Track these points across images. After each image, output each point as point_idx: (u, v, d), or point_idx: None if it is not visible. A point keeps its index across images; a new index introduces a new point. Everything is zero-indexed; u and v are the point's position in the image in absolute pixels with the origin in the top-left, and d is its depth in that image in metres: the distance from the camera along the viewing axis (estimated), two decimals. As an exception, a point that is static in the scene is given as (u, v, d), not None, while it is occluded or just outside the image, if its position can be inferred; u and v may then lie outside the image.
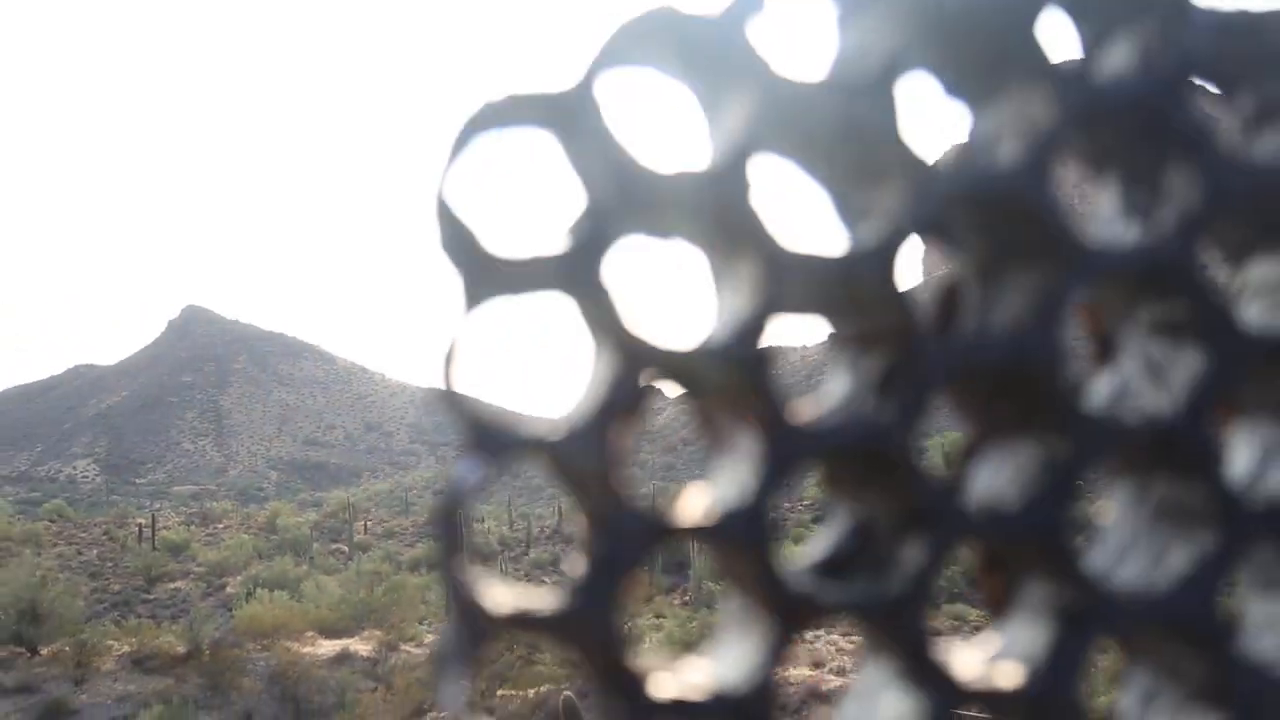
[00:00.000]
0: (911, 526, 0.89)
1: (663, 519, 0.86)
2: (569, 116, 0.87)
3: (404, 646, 37.24)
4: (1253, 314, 0.96)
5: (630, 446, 0.87)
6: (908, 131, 0.90)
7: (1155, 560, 0.94)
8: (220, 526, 64.49)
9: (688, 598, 41.31)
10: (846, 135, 0.91)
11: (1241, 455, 0.99)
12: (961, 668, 0.88)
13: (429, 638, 39.64)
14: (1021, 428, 0.93)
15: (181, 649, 28.66)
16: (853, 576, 0.92)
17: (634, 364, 0.86)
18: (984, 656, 0.92)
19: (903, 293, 0.89)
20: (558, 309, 0.89)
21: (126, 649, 28.47)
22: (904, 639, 0.88)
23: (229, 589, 43.54)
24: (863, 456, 0.89)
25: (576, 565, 0.86)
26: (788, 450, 0.87)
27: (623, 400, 0.86)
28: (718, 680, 0.87)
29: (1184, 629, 0.91)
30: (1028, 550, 0.91)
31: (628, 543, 0.85)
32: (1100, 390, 0.98)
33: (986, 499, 0.92)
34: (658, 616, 42.65)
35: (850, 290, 0.91)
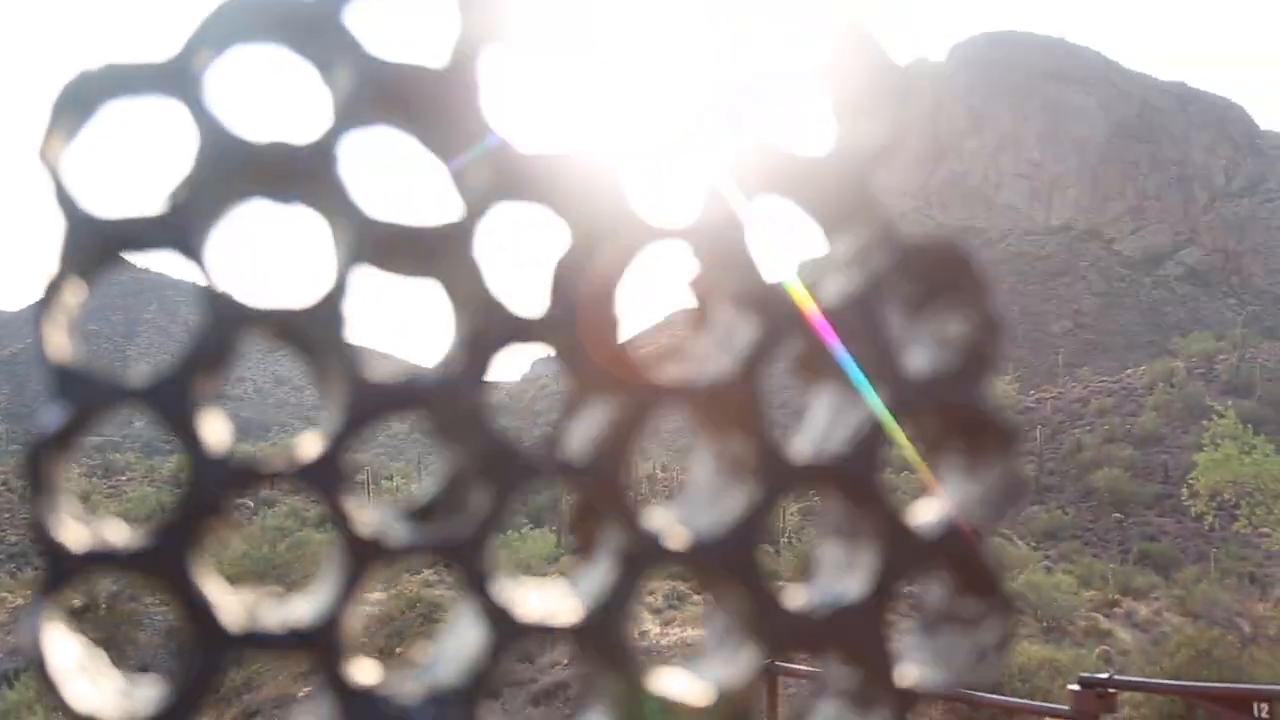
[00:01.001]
0: (483, 475, 0.97)
1: (244, 465, 0.93)
2: (170, 85, 0.93)
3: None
4: (832, 289, 1.05)
5: (215, 395, 0.95)
6: (489, 112, 0.98)
7: (718, 510, 1.02)
8: (124, 479, 63.70)
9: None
10: (445, 110, 0.98)
11: (818, 416, 1.08)
12: (524, 606, 0.97)
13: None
14: (604, 388, 1.01)
15: (77, 602, 28.38)
16: (435, 521, 1.00)
17: (222, 320, 0.93)
18: (555, 595, 1.00)
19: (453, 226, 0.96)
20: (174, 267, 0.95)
21: (21, 601, 28.15)
22: (470, 578, 0.96)
23: (129, 541, 43.07)
24: (440, 410, 0.97)
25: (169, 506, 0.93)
26: (363, 400, 0.94)
27: (208, 354, 0.93)
28: (292, 613, 0.95)
29: (729, 568, 1.00)
30: (598, 499, 1.00)
31: (208, 486, 0.92)
32: (693, 358, 1.06)
33: (571, 451, 1.00)
34: (563, 576, 42.61)
35: (431, 249, 0.98)
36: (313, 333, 0.95)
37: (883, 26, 1.00)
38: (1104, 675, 11.42)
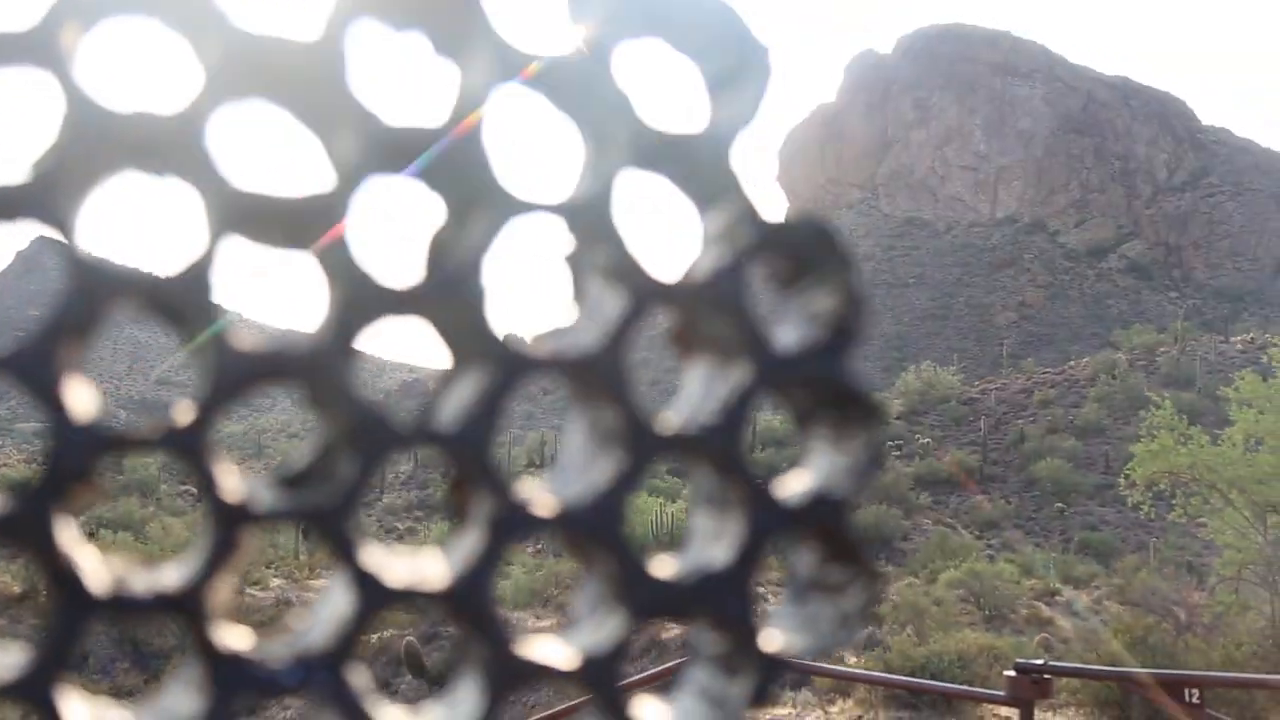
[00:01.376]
0: (351, 444, 0.98)
1: (109, 432, 0.94)
2: (36, 56, 0.94)
3: (249, 590, 37.00)
4: (704, 261, 1.06)
5: (80, 362, 0.95)
6: (358, 85, 0.99)
7: (588, 479, 1.04)
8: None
9: (539, 546, 41.58)
10: (311, 84, 0.99)
11: (692, 388, 1.10)
12: (392, 572, 0.98)
13: (275, 582, 39.36)
14: (468, 358, 1.02)
15: (17, 589, 28.12)
16: (306, 489, 1.01)
17: (88, 288, 0.94)
18: (425, 563, 1.02)
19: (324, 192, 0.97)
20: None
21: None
22: (338, 545, 0.97)
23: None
24: (310, 380, 0.98)
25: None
26: (231, 370, 0.95)
27: (73, 322, 0.93)
28: (158, 579, 0.96)
29: (596, 536, 1.02)
30: (466, 468, 1.01)
31: (72, 451, 0.93)
32: (567, 329, 1.08)
33: (441, 421, 1.02)
34: (507, 564, 42.66)
35: (300, 221, 0.99)
36: (180, 302, 0.95)
37: (750, 4, 1.02)
38: (1039, 661, 11.54)
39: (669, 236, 1.08)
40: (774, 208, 1.06)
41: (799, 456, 1.11)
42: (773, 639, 1.05)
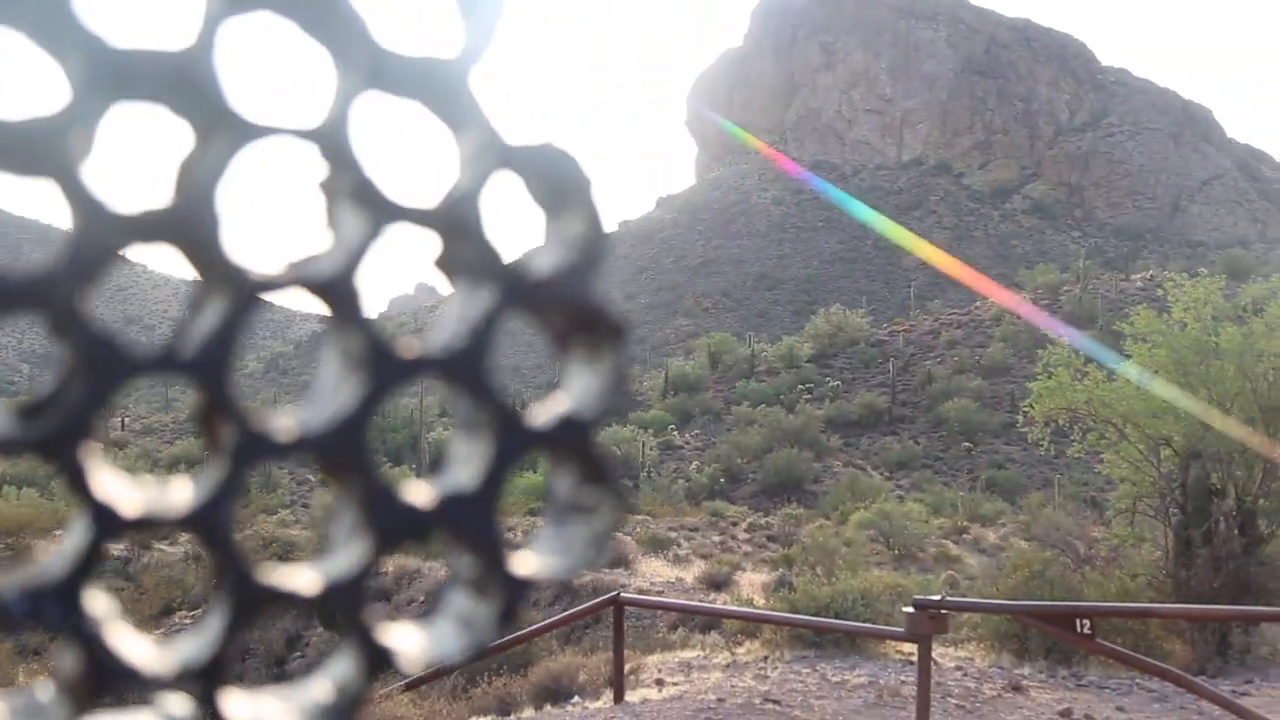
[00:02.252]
0: (85, 371, 0.98)
1: None
2: None
3: (156, 545, 36.70)
4: (451, 190, 1.07)
5: None
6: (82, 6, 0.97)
7: (332, 404, 1.05)
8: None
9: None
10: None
11: (448, 313, 1.10)
12: (128, 500, 0.98)
13: (184, 537, 38.97)
14: (210, 286, 1.02)
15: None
16: (37, 417, 1.00)
17: None
18: (168, 491, 1.02)
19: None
20: None
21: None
22: (69, 473, 0.97)
23: (-28, 487, 42.05)
24: (48, 307, 0.97)
25: None
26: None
27: None
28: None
29: (339, 460, 1.02)
30: (207, 395, 1.01)
31: None
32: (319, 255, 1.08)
33: (182, 349, 1.01)
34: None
35: (33, 145, 0.98)
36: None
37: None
38: (936, 597, 11.74)
39: (422, 161, 1.08)
40: (523, 133, 1.06)
41: (556, 380, 1.12)
42: (526, 561, 1.07)
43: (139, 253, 1.01)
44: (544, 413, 1.08)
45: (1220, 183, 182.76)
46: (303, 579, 1.03)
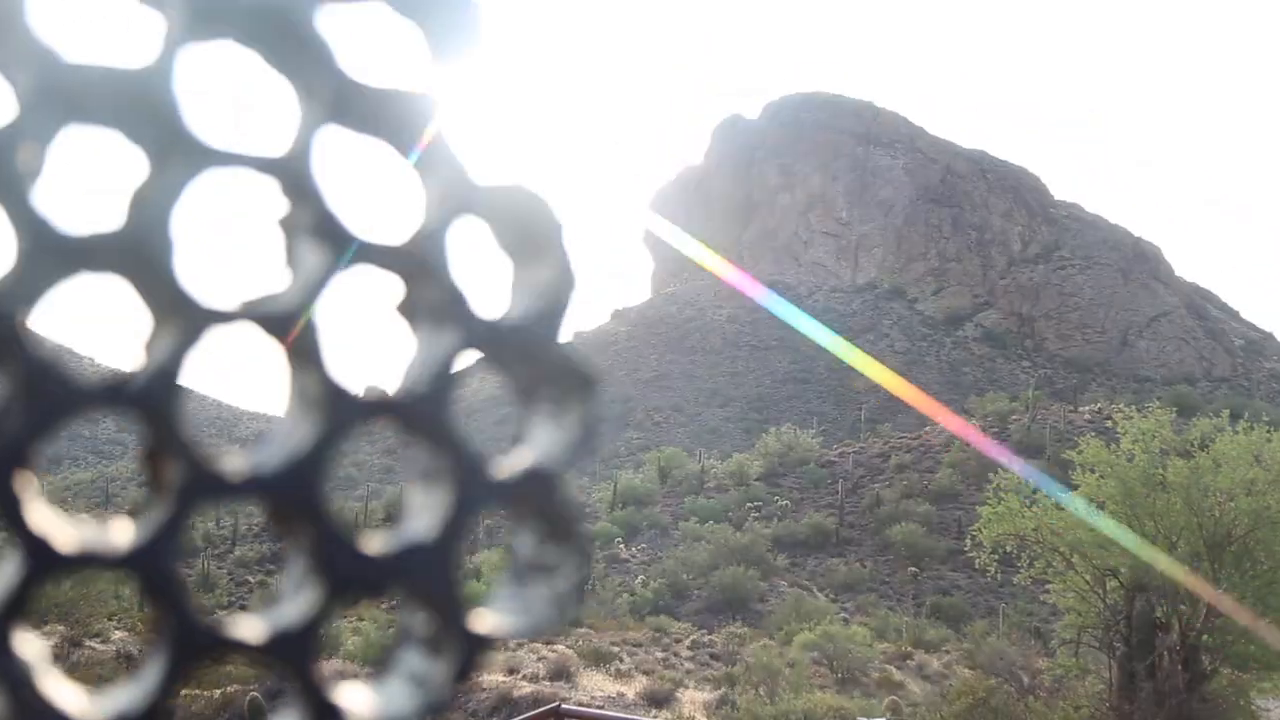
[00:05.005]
0: (23, 400, 0.93)
1: None
2: None
3: (88, 643, 35.92)
4: (420, 225, 1.03)
5: None
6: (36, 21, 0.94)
7: (287, 446, 1.00)
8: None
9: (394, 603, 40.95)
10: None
11: (411, 356, 1.06)
12: (64, 536, 0.93)
13: (117, 634, 38.26)
14: (162, 317, 0.97)
15: None
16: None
17: None
18: (108, 529, 0.96)
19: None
20: None
21: None
22: (2, 503, 0.92)
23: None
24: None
25: None
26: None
27: None
28: None
29: (290, 504, 0.97)
30: (153, 430, 0.96)
31: None
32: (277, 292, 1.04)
33: (132, 383, 0.97)
34: (359, 619, 42.14)
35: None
36: None
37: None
38: None
39: (386, 199, 1.05)
40: (492, 173, 1.03)
41: (519, 433, 1.08)
42: (484, 619, 1.02)
43: (86, 284, 0.96)
44: (508, 465, 1.04)
45: (1168, 320, 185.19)
46: (248, 627, 0.97)
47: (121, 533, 0.96)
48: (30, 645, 0.93)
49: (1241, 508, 20.90)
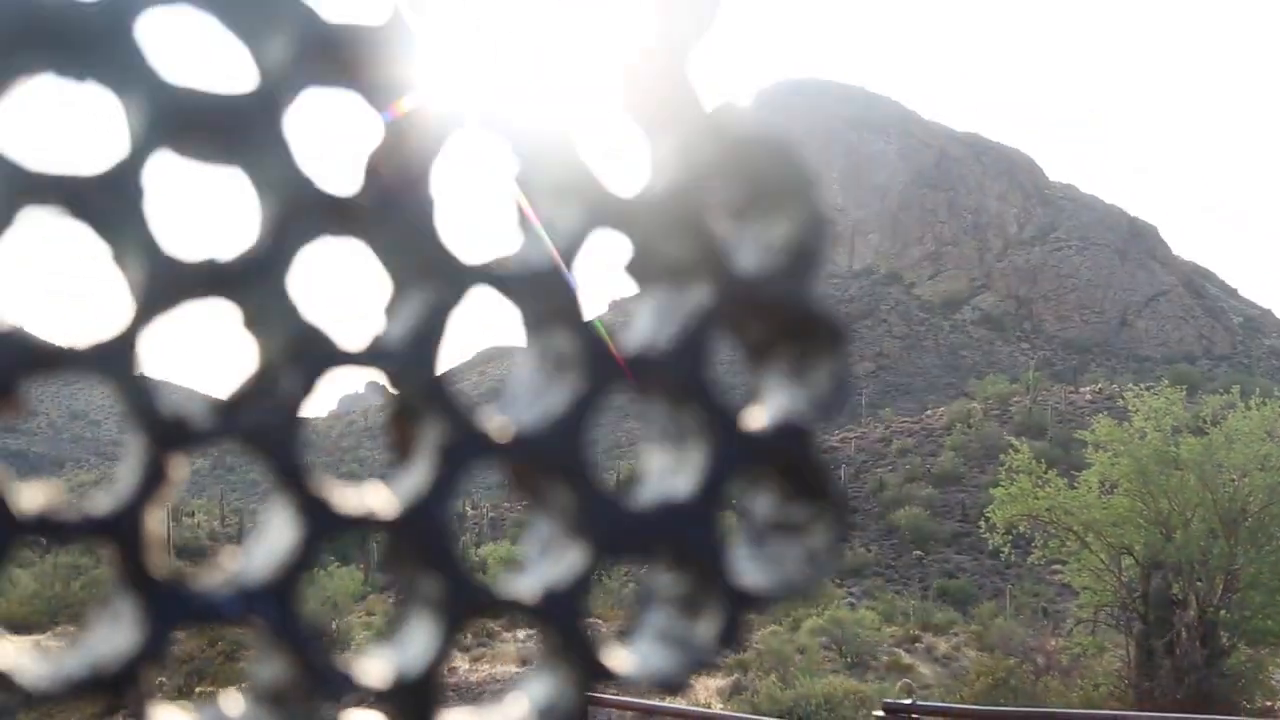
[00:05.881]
0: (293, 361, 0.92)
1: (32, 344, 0.86)
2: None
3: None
4: (658, 182, 1.02)
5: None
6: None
7: (543, 406, 0.99)
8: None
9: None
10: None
11: (643, 317, 1.05)
12: (341, 499, 0.91)
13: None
14: (418, 278, 0.96)
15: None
16: (242, 409, 0.94)
17: (11, 192, 0.86)
18: (372, 494, 0.95)
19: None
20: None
21: None
22: (282, 467, 0.90)
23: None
24: (248, 296, 0.92)
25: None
26: (163, 282, 0.88)
27: (-5, 223, 0.86)
28: (89, 504, 0.88)
29: (554, 464, 0.96)
30: (416, 390, 0.95)
31: (-7, 362, 0.85)
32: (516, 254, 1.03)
33: (388, 341, 0.96)
34: (369, 614, 42.20)
35: (251, 134, 0.93)
36: (107, 205, 0.88)
37: None
38: (907, 701, 11.66)
39: (615, 156, 1.03)
40: (733, 125, 1.01)
41: (752, 393, 1.07)
42: (742, 575, 1.01)
43: (331, 245, 0.95)
44: (757, 420, 1.02)
45: (1166, 299, 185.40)
46: (522, 586, 0.96)
47: (383, 496, 0.95)
48: (306, 610, 0.92)
49: (1256, 483, 20.93)
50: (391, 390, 0.98)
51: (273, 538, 0.94)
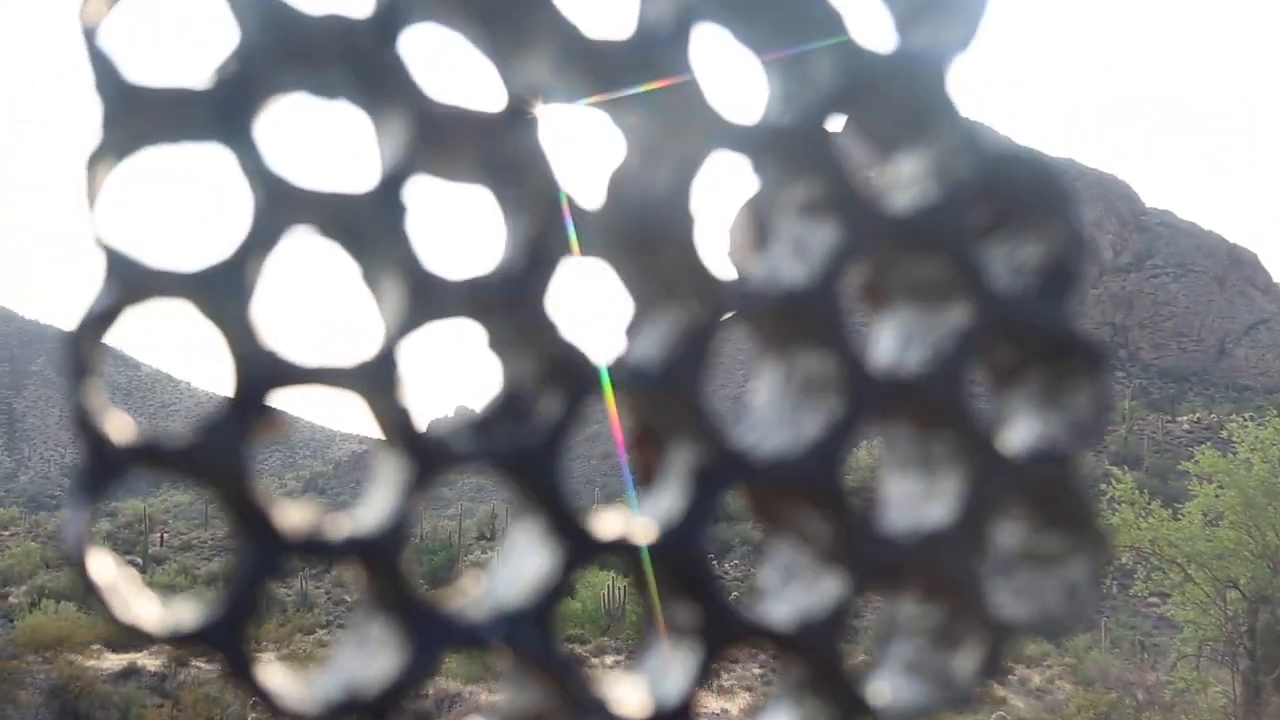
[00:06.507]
0: (551, 381, 0.90)
1: (291, 363, 0.85)
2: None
3: (195, 662, 36.30)
4: (901, 200, 0.99)
5: (264, 285, 0.86)
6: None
7: (794, 429, 0.96)
8: (6, 534, 61.93)
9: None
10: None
11: (885, 340, 1.02)
12: (599, 524, 0.89)
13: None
14: (666, 294, 0.94)
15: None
16: (496, 430, 0.92)
17: (274, 205, 0.85)
18: (622, 517, 0.93)
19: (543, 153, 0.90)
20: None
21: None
22: (540, 490, 0.88)
23: (11, 599, 41.95)
24: (505, 313, 0.90)
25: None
26: (422, 300, 0.87)
27: (261, 241, 0.85)
28: (354, 522, 0.87)
29: (809, 490, 0.93)
30: (669, 410, 0.93)
31: (257, 379, 0.84)
32: (756, 273, 1.00)
33: (635, 362, 0.93)
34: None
35: (505, 153, 0.91)
36: (369, 222, 0.87)
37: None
38: (1011, 733, 11.49)
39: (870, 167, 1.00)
40: (988, 138, 0.98)
41: (1000, 420, 1.03)
42: (1000, 608, 0.97)
43: (576, 272, 0.93)
44: (1011, 445, 0.99)
45: (1266, 327, 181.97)
46: (776, 615, 0.93)
47: (632, 522, 0.92)
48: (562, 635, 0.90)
49: (1365, 516, 20.47)
50: (635, 412, 0.96)
51: (524, 562, 0.92)
